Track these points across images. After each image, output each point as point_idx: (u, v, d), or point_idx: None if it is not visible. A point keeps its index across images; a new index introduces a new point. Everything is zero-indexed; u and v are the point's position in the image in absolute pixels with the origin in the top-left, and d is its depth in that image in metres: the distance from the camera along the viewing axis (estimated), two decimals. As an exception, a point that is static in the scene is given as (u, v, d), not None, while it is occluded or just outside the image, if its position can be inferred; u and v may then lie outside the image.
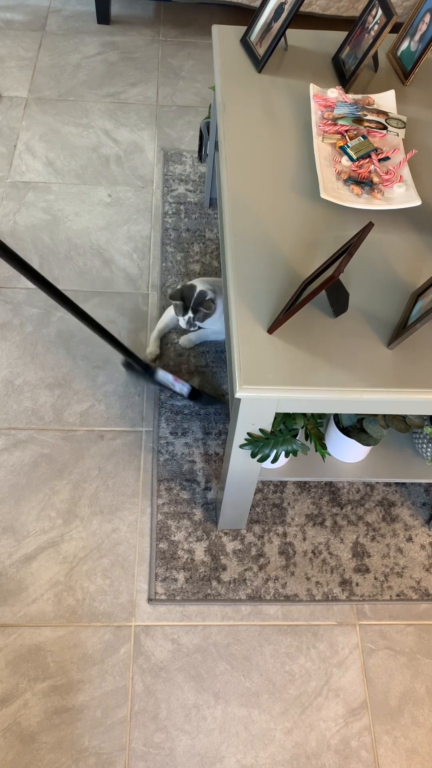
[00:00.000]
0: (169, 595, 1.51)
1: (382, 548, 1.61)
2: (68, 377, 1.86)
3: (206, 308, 1.78)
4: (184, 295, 1.80)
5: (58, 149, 2.44)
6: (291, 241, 1.35)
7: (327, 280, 1.07)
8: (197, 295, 1.80)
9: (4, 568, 1.54)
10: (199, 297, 1.79)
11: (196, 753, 1.35)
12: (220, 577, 1.54)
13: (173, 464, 1.71)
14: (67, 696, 1.39)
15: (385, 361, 1.18)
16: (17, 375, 1.85)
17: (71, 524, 1.61)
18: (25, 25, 2.93)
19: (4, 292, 2.02)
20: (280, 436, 1.30)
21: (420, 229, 1.41)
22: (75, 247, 2.15)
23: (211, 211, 2.28)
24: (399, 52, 1.76)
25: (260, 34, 1.72)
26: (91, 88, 2.69)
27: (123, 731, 1.36)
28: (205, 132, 2.09)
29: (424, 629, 1.52)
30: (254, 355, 1.16)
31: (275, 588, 1.54)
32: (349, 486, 1.71)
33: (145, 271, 2.11)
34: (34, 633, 1.46)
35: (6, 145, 2.43)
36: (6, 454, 1.70)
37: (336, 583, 1.56)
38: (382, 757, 1.37)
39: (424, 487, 1.72)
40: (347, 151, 1.47)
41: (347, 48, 1.71)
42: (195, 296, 1.80)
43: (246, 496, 1.47)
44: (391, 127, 1.54)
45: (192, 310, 1.79)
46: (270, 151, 1.52)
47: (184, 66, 2.84)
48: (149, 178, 2.38)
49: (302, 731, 1.38)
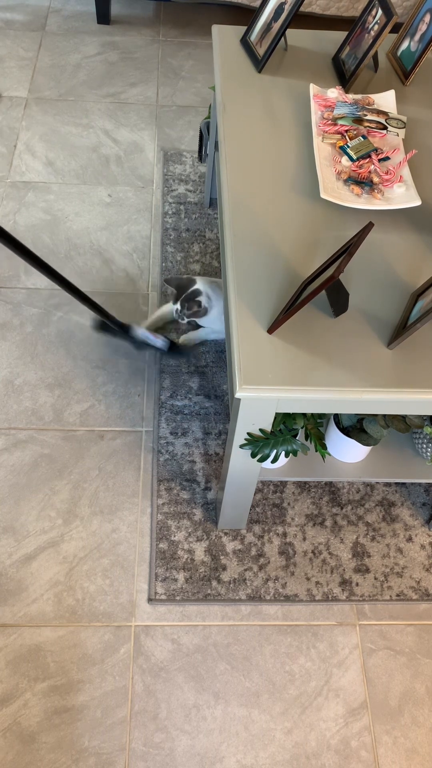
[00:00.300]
0: (169, 595, 1.51)
1: (382, 548, 1.61)
2: (68, 377, 1.86)
3: (189, 308, 1.78)
4: (179, 285, 1.81)
5: (58, 149, 2.44)
6: (291, 241, 1.35)
7: (327, 280, 1.07)
8: (190, 292, 1.80)
9: (4, 568, 1.54)
10: (192, 294, 1.79)
11: (196, 753, 1.35)
12: (220, 577, 1.54)
13: (173, 464, 1.71)
14: (67, 696, 1.39)
15: (385, 361, 1.18)
16: (17, 375, 1.85)
17: (71, 524, 1.61)
18: (25, 25, 2.94)
19: (4, 292, 2.02)
20: (280, 436, 1.30)
21: (420, 229, 1.41)
22: (75, 247, 2.15)
23: (211, 211, 2.28)
24: (399, 52, 1.76)
25: (260, 34, 1.72)
26: (91, 88, 2.69)
27: (123, 731, 1.36)
28: (205, 132, 2.09)
29: (424, 629, 1.52)
30: (254, 355, 1.16)
31: (275, 588, 1.54)
32: (349, 486, 1.71)
33: (145, 271, 2.11)
34: (34, 633, 1.46)
35: (6, 145, 2.43)
36: (6, 454, 1.70)
37: (336, 583, 1.56)
38: (382, 757, 1.37)
39: (424, 487, 1.72)
40: (347, 151, 1.47)
41: (347, 48, 1.71)
42: (188, 292, 1.80)
43: (246, 496, 1.47)
44: (391, 127, 1.54)
45: (180, 303, 1.80)
46: (270, 151, 1.52)
47: (184, 66, 2.84)
48: (149, 178, 2.38)
49: (302, 731, 1.38)
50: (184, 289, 1.80)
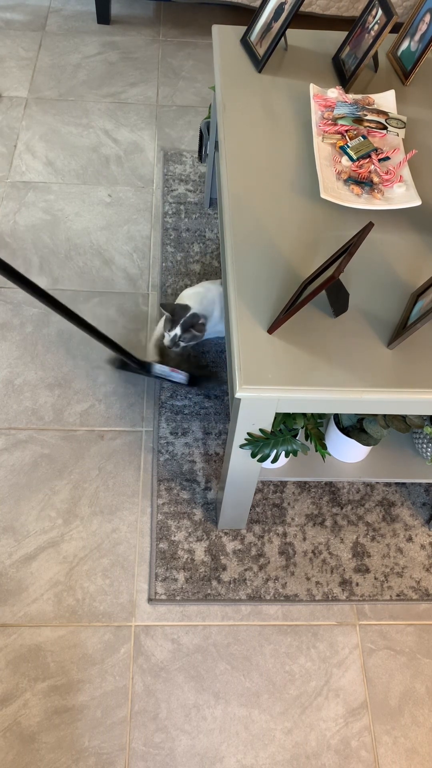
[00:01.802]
0: (169, 595, 1.51)
1: (382, 548, 1.61)
2: (68, 377, 1.86)
3: (198, 331, 1.72)
4: (175, 311, 1.73)
5: (58, 149, 2.44)
6: (291, 241, 1.35)
7: (327, 280, 1.07)
8: (190, 316, 1.72)
9: (4, 568, 1.54)
10: (192, 318, 1.72)
11: (196, 753, 1.35)
12: (220, 577, 1.54)
13: (173, 464, 1.71)
14: (67, 696, 1.39)
15: (385, 361, 1.18)
16: (17, 375, 1.85)
17: (71, 524, 1.61)
18: (25, 25, 2.94)
19: (4, 292, 2.02)
20: (280, 436, 1.30)
21: (420, 229, 1.41)
22: (75, 247, 2.15)
23: (211, 211, 2.28)
24: (399, 52, 1.76)
25: (260, 34, 1.72)
26: (91, 88, 2.69)
27: (123, 731, 1.36)
28: (205, 132, 2.09)
29: (424, 629, 1.52)
30: (254, 355, 1.16)
31: (275, 588, 1.54)
32: (349, 486, 1.71)
33: (145, 271, 2.12)
34: (34, 633, 1.46)
35: (6, 145, 2.43)
36: (6, 454, 1.70)
37: (336, 583, 1.56)
38: (382, 757, 1.37)
39: (424, 487, 1.72)
40: (347, 151, 1.47)
41: (347, 48, 1.71)
42: (187, 316, 1.72)
43: (246, 496, 1.47)
44: (391, 127, 1.54)
45: (181, 328, 1.72)
46: (270, 151, 1.52)
47: (184, 66, 2.84)
48: (149, 178, 2.38)
49: (302, 731, 1.39)
50: (180, 315, 1.72)
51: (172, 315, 1.73)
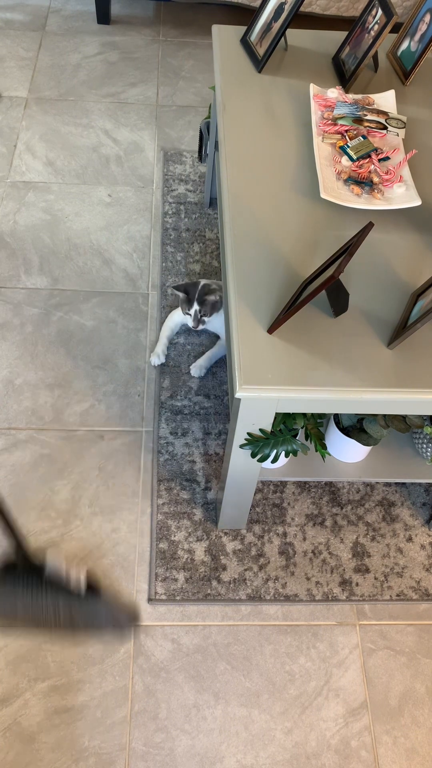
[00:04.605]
0: (169, 595, 1.51)
1: (382, 548, 1.61)
2: (68, 377, 1.86)
3: (213, 298, 1.77)
4: (188, 289, 1.80)
5: (58, 149, 2.44)
6: (291, 241, 1.35)
7: (327, 280, 1.07)
8: (202, 287, 1.79)
9: (4, 568, 1.54)
10: (204, 288, 1.78)
11: (196, 753, 1.35)
12: (220, 577, 1.54)
13: (173, 464, 1.71)
14: (67, 696, 1.39)
15: (385, 361, 1.18)
16: (17, 375, 1.85)
17: (71, 524, 1.61)
18: (25, 25, 2.93)
19: (4, 292, 2.02)
20: (280, 436, 1.30)
21: (420, 229, 1.41)
22: (75, 247, 2.15)
23: (211, 211, 2.28)
24: (399, 52, 1.76)
25: (260, 34, 1.72)
26: (91, 88, 2.69)
27: (123, 731, 1.36)
28: (205, 132, 2.09)
29: (424, 629, 1.52)
30: (254, 355, 1.16)
31: (275, 588, 1.54)
32: (349, 486, 1.71)
33: (145, 271, 2.11)
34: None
35: (6, 145, 2.43)
36: (6, 454, 1.70)
37: (336, 583, 1.56)
38: (382, 757, 1.37)
39: (424, 487, 1.72)
40: (347, 151, 1.47)
41: (347, 48, 1.71)
42: (200, 288, 1.78)
43: (246, 496, 1.47)
44: (391, 127, 1.54)
45: (198, 302, 1.78)
46: (270, 150, 1.52)
47: (184, 66, 2.84)
48: (149, 178, 2.38)
49: (302, 731, 1.38)
50: (194, 290, 1.79)
51: (186, 293, 1.79)
